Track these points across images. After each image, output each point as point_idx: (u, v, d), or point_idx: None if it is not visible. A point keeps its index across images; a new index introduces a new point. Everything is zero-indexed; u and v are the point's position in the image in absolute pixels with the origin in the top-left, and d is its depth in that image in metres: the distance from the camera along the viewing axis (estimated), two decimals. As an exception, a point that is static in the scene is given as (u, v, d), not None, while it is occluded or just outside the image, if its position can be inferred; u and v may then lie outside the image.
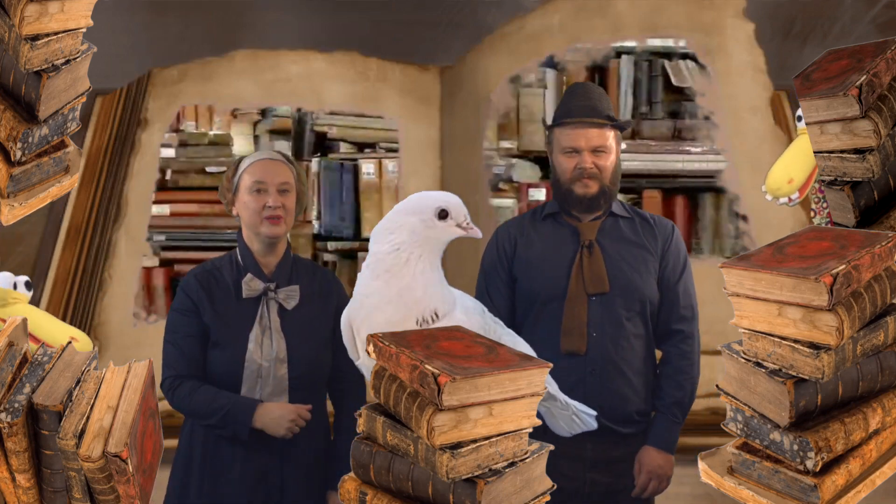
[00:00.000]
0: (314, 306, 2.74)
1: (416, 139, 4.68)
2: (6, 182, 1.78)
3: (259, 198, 2.69)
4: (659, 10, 4.59)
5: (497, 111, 4.60)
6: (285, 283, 2.72)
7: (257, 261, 2.72)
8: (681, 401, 2.80)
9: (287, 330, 2.68)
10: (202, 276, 2.75)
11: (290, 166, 2.76)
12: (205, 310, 2.70)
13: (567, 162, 2.81)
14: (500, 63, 4.63)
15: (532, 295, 2.82)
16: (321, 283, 2.79)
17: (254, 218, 2.70)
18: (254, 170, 2.72)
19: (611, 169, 2.82)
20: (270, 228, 2.69)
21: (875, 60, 1.74)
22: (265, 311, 2.68)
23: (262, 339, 2.66)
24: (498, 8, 4.67)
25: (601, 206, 2.84)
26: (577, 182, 2.80)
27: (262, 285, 2.69)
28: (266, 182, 2.69)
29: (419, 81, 4.73)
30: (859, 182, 1.81)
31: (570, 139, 2.80)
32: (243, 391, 2.65)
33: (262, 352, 2.65)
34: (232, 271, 2.74)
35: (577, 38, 4.61)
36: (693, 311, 2.86)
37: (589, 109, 2.80)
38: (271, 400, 2.65)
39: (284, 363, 2.66)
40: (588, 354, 2.74)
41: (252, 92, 4.65)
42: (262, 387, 2.66)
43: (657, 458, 2.78)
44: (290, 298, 2.70)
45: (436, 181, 4.67)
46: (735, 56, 4.55)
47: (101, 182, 4.54)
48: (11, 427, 1.55)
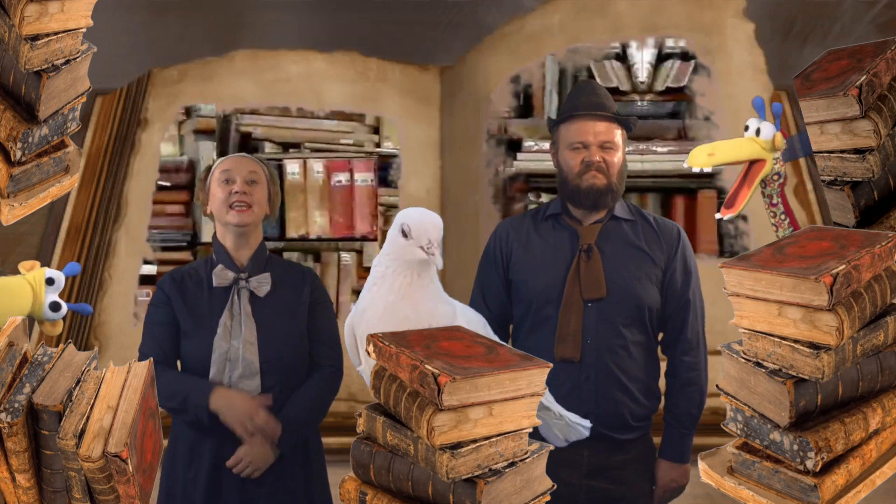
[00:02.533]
0: (287, 296, 2.74)
1: (416, 139, 4.68)
2: (6, 182, 1.78)
3: (226, 187, 2.71)
4: (659, 10, 4.58)
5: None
6: (258, 272, 2.74)
7: (230, 255, 2.74)
8: (691, 412, 2.77)
9: (258, 316, 2.69)
10: (177, 273, 2.79)
11: (260, 165, 2.80)
12: (177, 303, 2.71)
13: (574, 157, 2.78)
14: (500, 63, 4.63)
15: (527, 299, 2.78)
16: (295, 275, 2.80)
17: (221, 207, 2.72)
18: (223, 164, 2.77)
19: (617, 166, 2.78)
20: (237, 216, 2.69)
21: (875, 60, 1.74)
22: (236, 299, 2.69)
23: (231, 325, 2.67)
24: (498, 8, 4.67)
25: (607, 204, 2.79)
26: (584, 174, 2.76)
27: (233, 275, 2.71)
28: (232, 171, 2.73)
29: (419, 81, 4.73)
30: (859, 182, 1.81)
31: (577, 133, 2.78)
32: (212, 374, 2.64)
33: (231, 335, 2.66)
34: (206, 267, 2.77)
35: (577, 38, 4.61)
36: (700, 319, 2.82)
37: (596, 105, 2.78)
38: (242, 383, 2.65)
39: (254, 345, 2.66)
40: (583, 361, 2.70)
41: (252, 92, 4.65)
42: (230, 369, 2.65)
43: (671, 472, 2.77)
44: (262, 286, 2.71)
45: (436, 181, 4.67)
46: (735, 56, 4.55)
47: (101, 182, 4.54)
48: (11, 427, 1.55)
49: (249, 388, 2.65)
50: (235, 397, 2.62)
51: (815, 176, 4.45)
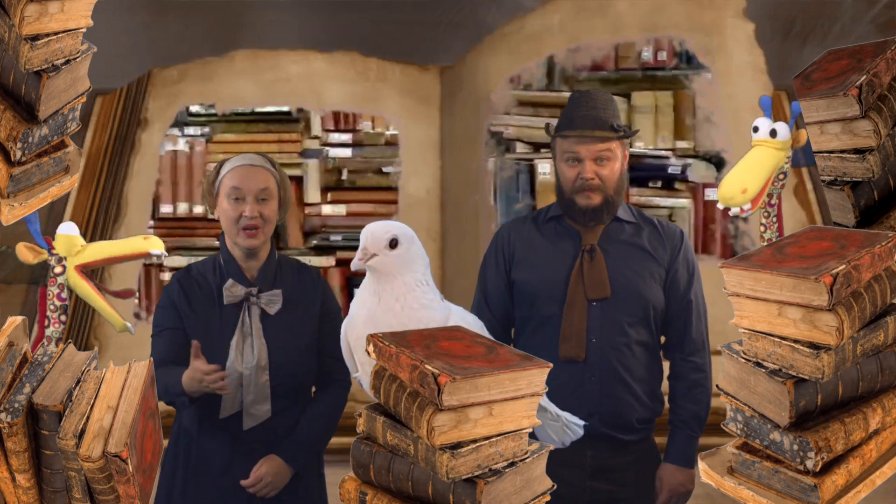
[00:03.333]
0: (298, 310, 2.69)
1: (416, 139, 4.68)
2: (6, 182, 1.78)
3: (236, 206, 2.63)
4: (659, 10, 4.58)
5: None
6: (268, 287, 2.67)
7: (239, 265, 2.68)
8: (698, 414, 2.76)
9: (269, 336, 2.64)
10: (185, 280, 2.71)
11: (271, 172, 2.70)
12: (186, 315, 2.66)
13: (569, 171, 2.75)
14: (500, 63, 4.63)
15: (531, 299, 2.77)
16: (306, 285, 2.74)
17: (231, 227, 2.65)
18: (233, 175, 2.66)
19: (614, 178, 2.74)
20: (246, 240, 2.64)
21: (875, 60, 1.74)
22: (247, 317, 2.64)
23: (242, 347, 2.62)
24: (498, 8, 4.67)
25: (603, 219, 2.77)
26: (579, 193, 2.74)
27: (244, 291, 2.64)
28: (243, 189, 2.63)
29: (419, 81, 4.73)
30: (859, 182, 1.81)
31: (571, 149, 2.76)
32: (224, 399, 2.60)
33: (243, 359, 2.61)
34: (214, 276, 2.69)
35: (577, 38, 4.61)
36: (703, 320, 2.81)
37: (591, 120, 2.73)
38: (254, 408, 2.62)
39: (265, 371, 2.62)
40: (587, 361, 2.69)
41: (252, 92, 4.65)
42: (243, 395, 2.62)
43: (678, 476, 2.75)
44: (273, 304, 2.65)
45: (436, 181, 4.67)
46: (735, 56, 4.55)
47: (101, 182, 4.54)
48: (11, 427, 1.55)
49: (260, 413, 2.63)
50: (192, 366, 2.51)
51: (815, 176, 4.45)
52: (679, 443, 2.77)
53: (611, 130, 2.74)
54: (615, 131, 2.74)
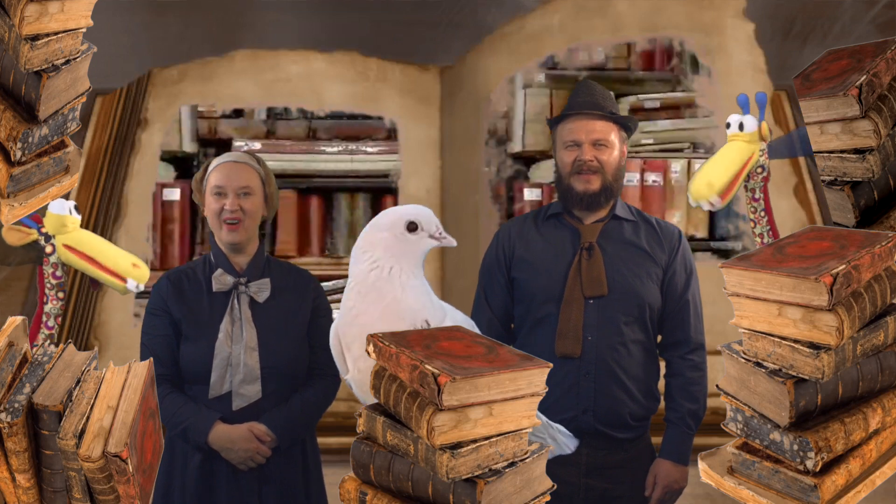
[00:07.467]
0: (287, 301, 2.73)
1: (416, 139, 4.68)
2: (6, 182, 1.78)
3: (218, 201, 2.70)
4: (659, 10, 4.59)
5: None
6: (257, 277, 2.72)
7: (228, 259, 2.73)
8: (695, 412, 2.78)
9: (259, 321, 2.68)
10: (174, 276, 2.77)
11: (255, 168, 2.75)
12: (175, 307, 2.70)
13: (567, 156, 2.79)
14: (500, 63, 4.63)
15: (529, 296, 2.79)
16: (295, 279, 2.79)
17: (214, 221, 2.72)
18: (217, 172, 2.73)
19: (613, 165, 2.78)
20: (228, 234, 2.69)
21: (875, 60, 1.74)
22: (236, 304, 2.69)
23: (231, 330, 2.66)
24: (498, 8, 4.67)
25: (602, 204, 2.80)
26: (576, 176, 2.77)
27: (233, 279, 2.70)
28: (224, 186, 2.70)
29: (419, 81, 4.73)
30: (859, 182, 1.81)
31: (570, 132, 2.79)
32: (213, 379, 2.63)
33: (233, 340, 2.65)
34: (204, 269, 2.75)
35: (577, 38, 4.61)
36: (701, 320, 2.83)
37: (590, 104, 2.79)
38: (243, 388, 2.64)
39: (255, 351, 2.65)
40: (583, 358, 2.71)
41: (252, 92, 4.65)
42: (231, 374, 2.64)
43: (673, 472, 2.76)
44: (261, 291, 2.70)
45: (436, 181, 4.67)
46: (735, 56, 4.55)
47: (101, 182, 4.54)
48: (11, 427, 1.55)
49: (250, 394, 2.65)
50: (234, 434, 2.62)
51: (815, 176, 4.45)
52: (675, 439, 2.78)
53: (609, 115, 2.79)
54: (613, 116, 2.80)
